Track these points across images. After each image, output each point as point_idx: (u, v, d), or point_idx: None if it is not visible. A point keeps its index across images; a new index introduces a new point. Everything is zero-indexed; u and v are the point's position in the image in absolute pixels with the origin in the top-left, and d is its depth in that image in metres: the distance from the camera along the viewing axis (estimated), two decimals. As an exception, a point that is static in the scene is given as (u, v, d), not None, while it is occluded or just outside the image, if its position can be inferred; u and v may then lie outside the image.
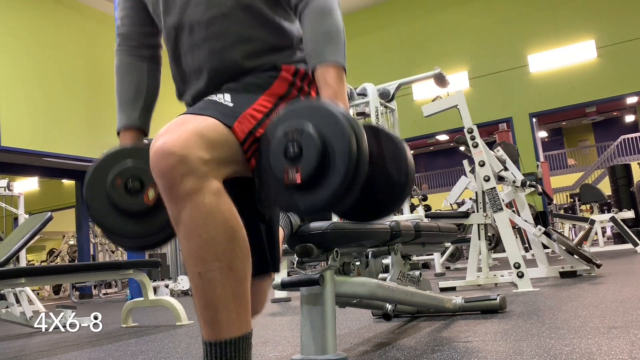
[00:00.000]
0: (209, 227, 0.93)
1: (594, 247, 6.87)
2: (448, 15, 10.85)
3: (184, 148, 0.92)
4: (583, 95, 9.75)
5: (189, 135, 0.94)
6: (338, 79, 1.03)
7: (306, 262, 1.57)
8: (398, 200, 1.09)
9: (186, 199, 0.92)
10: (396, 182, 1.07)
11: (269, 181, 1.00)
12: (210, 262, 0.93)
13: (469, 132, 3.71)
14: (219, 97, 1.06)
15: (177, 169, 0.91)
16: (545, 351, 1.45)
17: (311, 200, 0.96)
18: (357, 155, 0.94)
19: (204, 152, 0.94)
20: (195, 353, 2.08)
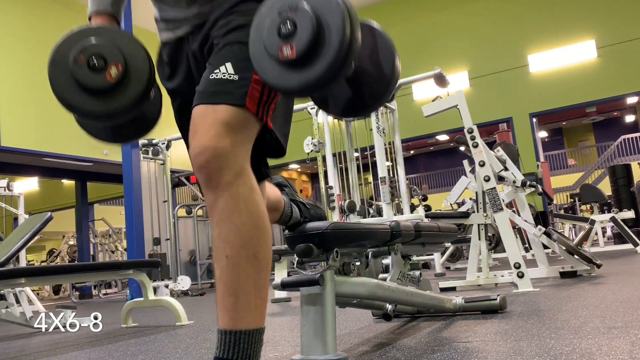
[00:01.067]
0: (241, 214, 1.03)
1: (594, 247, 6.86)
2: (448, 15, 10.85)
3: (215, 142, 1.03)
4: (583, 95, 9.75)
5: (215, 129, 1.04)
6: None
7: (306, 262, 1.57)
8: (386, 91, 1.19)
9: (224, 189, 1.03)
10: (385, 74, 1.17)
11: (263, 63, 1.01)
12: (238, 248, 1.03)
13: (469, 132, 3.71)
14: (222, 71, 1.09)
15: (213, 163, 1.03)
16: (545, 351, 1.45)
17: (306, 77, 0.97)
18: (350, 32, 0.95)
19: (231, 140, 1.04)
20: (196, 353, 2.07)
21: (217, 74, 1.08)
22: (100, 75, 1.08)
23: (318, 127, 5.64)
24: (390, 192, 4.42)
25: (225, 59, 1.10)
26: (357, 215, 4.42)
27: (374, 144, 4.44)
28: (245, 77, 1.08)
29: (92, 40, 1.10)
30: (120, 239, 11.10)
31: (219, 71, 1.08)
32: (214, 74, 1.09)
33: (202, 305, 4.81)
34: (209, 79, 1.09)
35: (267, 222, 1.08)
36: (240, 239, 1.03)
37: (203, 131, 1.04)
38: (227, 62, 1.09)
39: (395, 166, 4.82)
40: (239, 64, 1.09)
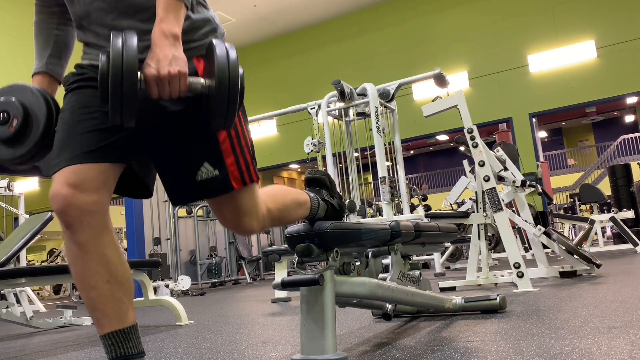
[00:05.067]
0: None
1: (593, 247, 6.86)
2: (448, 15, 10.85)
3: (252, 225, 1.36)
4: (583, 95, 9.75)
5: (237, 215, 1.34)
6: (166, 6, 1.12)
7: (306, 262, 1.57)
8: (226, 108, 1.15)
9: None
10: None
11: None
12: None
13: (469, 132, 3.71)
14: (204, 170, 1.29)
15: (255, 228, 1.37)
16: (545, 351, 1.46)
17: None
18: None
19: (251, 212, 1.36)
20: (196, 353, 2.08)
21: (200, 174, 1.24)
22: (5, 127, 1.27)
23: (318, 127, 5.64)
24: (390, 192, 4.42)
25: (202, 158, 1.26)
26: (357, 215, 4.43)
27: (374, 144, 4.44)
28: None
29: (1, 99, 1.31)
30: (120, 239, 11.10)
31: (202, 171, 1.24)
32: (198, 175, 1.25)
33: (203, 305, 4.81)
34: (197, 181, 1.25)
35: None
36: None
37: (234, 218, 1.31)
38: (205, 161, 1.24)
39: (395, 166, 4.82)
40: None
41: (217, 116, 1.11)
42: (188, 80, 1.11)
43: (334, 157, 5.00)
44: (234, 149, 1.25)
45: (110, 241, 1.16)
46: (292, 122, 11.27)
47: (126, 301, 1.18)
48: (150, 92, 1.10)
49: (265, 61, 12.67)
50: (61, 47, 1.40)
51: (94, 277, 1.13)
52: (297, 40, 12.39)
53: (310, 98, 6.03)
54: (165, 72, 1.07)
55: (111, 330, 1.16)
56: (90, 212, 1.12)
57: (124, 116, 1.06)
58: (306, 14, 11.68)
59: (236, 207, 1.29)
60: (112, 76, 1.02)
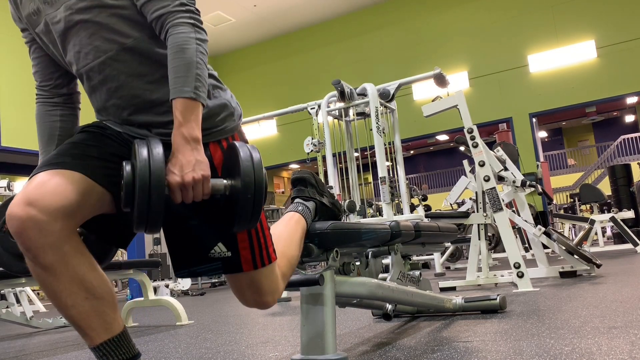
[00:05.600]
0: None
1: (594, 247, 6.86)
2: (448, 15, 10.85)
3: (273, 300, 1.37)
4: (583, 95, 9.74)
5: (259, 295, 1.35)
6: (184, 109, 1.11)
7: (306, 262, 1.57)
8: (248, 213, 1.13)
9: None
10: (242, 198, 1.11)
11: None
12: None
13: (469, 132, 3.71)
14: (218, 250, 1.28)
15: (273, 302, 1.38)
16: (545, 351, 1.46)
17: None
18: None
19: (275, 290, 1.39)
20: (196, 353, 2.08)
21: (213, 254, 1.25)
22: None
23: (318, 127, 5.64)
24: (390, 192, 4.42)
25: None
26: (357, 215, 4.42)
27: (374, 144, 4.44)
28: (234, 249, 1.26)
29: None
30: (120, 239, 11.11)
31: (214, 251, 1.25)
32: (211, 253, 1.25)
33: (202, 305, 4.81)
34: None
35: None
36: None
37: (254, 298, 1.31)
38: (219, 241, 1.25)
39: (395, 166, 4.82)
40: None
41: (243, 220, 1.10)
42: (211, 183, 1.10)
43: (334, 157, 4.99)
44: (250, 232, 1.24)
45: (81, 258, 1.08)
46: (292, 122, 11.27)
47: (110, 312, 1.12)
48: (174, 198, 1.08)
49: (266, 61, 12.67)
50: (65, 139, 1.34)
51: (70, 298, 1.07)
52: (297, 40, 12.39)
53: (310, 98, 6.03)
54: (190, 179, 1.06)
55: (101, 342, 1.11)
56: (52, 233, 1.02)
57: (149, 227, 1.04)
58: (306, 14, 11.68)
59: (256, 287, 1.28)
60: (139, 189, 0.99)
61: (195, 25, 1.16)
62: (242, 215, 1.09)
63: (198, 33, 1.16)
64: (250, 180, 1.07)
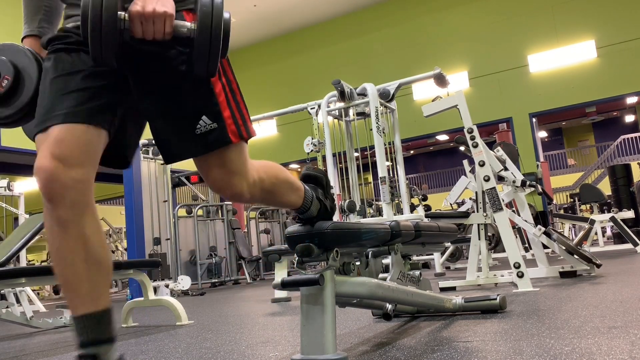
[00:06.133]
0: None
1: (594, 247, 6.86)
2: (448, 15, 10.85)
3: (246, 188, 1.33)
4: (583, 95, 9.75)
5: (232, 179, 1.33)
6: None
7: (306, 262, 1.57)
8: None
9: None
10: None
11: None
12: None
13: (469, 132, 3.71)
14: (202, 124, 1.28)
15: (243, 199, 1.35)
16: (545, 351, 1.46)
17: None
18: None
19: (246, 174, 1.35)
20: (196, 353, 2.08)
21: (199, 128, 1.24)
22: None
23: (318, 127, 5.64)
24: (390, 192, 4.42)
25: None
26: (357, 215, 4.42)
27: (374, 144, 4.44)
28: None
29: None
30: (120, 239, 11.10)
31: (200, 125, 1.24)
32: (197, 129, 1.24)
33: (203, 305, 4.81)
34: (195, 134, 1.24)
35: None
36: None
37: (223, 178, 1.28)
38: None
39: (395, 166, 4.82)
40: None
41: (200, 61, 1.09)
42: (174, 23, 1.09)
43: (334, 157, 5.00)
44: (229, 102, 1.25)
45: (92, 220, 1.12)
46: (292, 122, 11.28)
47: (101, 284, 1.13)
48: (134, 30, 1.08)
49: (266, 61, 12.67)
50: (52, 12, 1.39)
51: (71, 255, 1.09)
52: (297, 40, 12.40)
53: (310, 98, 6.04)
54: (150, 10, 1.06)
55: (84, 313, 1.11)
56: (74, 189, 1.08)
57: (104, 52, 1.04)
58: (306, 14, 11.69)
59: (226, 166, 1.27)
60: (91, 8, 1.00)
61: None
62: (200, 55, 1.08)
63: None
64: (207, 18, 1.06)
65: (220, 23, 1.08)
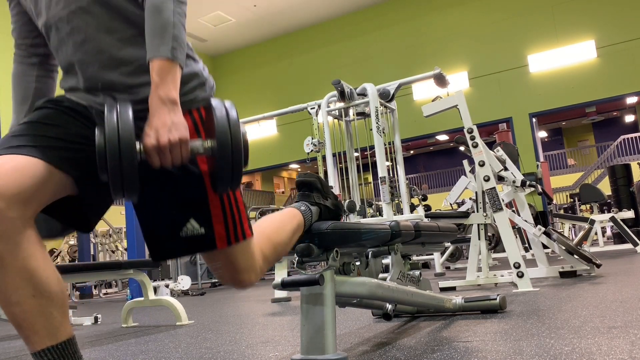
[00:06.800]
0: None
1: (594, 247, 6.87)
2: (448, 15, 10.85)
3: (254, 279, 1.34)
4: (583, 95, 9.75)
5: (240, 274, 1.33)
6: (161, 70, 1.08)
7: (306, 262, 1.57)
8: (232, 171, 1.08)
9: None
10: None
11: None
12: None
13: (469, 132, 3.71)
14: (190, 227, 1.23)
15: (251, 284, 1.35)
16: (545, 351, 1.46)
17: None
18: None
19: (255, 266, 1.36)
20: (196, 353, 2.08)
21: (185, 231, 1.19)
22: None
23: (318, 127, 5.64)
24: (390, 192, 4.42)
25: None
26: (357, 215, 4.42)
27: (374, 144, 4.44)
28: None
29: None
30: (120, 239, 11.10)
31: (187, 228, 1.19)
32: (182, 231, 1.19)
33: (202, 305, 4.81)
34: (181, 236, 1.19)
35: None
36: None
37: (230, 275, 1.28)
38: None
39: (395, 166, 4.82)
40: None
41: (223, 181, 1.07)
42: (189, 146, 1.06)
43: (334, 157, 4.99)
44: (224, 207, 1.20)
45: (33, 252, 0.99)
46: (292, 122, 11.28)
47: (58, 315, 1.03)
48: (152, 162, 1.04)
49: (266, 61, 12.67)
50: (41, 98, 1.30)
51: (16, 293, 0.98)
52: (297, 40, 12.40)
53: (310, 98, 6.03)
54: (165, 141, 1.03)
55: (43, 348, 1.02)
56: (7, 221, 0.95)
57: (126, 192, 1.01)
58: (306, 14, 11.69)
59: (231, 264, 1.25)
60: (109, 155, 0.97)
61: None
62: (222, 176, 1.06)
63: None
64: (227, 139, 1.03)
65: (239, 140, 1.05)
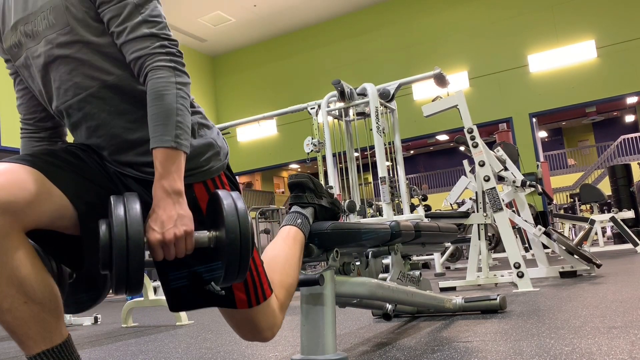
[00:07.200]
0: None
1: (594, 247, 6.86)
2: (448, 15, 10.85)
3: (273, 334, 1.32)
4: (583, 95, 9.74)
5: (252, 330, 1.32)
6: (165, 160, 1.05)
7: (306, 262, 1.57)
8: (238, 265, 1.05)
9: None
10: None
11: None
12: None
13: (469, 132, 3.71)
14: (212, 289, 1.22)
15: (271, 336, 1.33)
16: (545, 351, 1.46)
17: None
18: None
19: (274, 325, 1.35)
20: (196, 353, 2.08)
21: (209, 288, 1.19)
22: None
23: (318, 127, 5.64)
24: (390, 192, 4.42)
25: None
26: (357, 215, 4.42)
27: (374, 144, 4.44)
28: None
29: None
30: (120, 239, 11.11)
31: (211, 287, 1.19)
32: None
33: (202, 305, 4.81)
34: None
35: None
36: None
37: (251, 334, 1.28)
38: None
39: (395, 166, 4.81)
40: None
41: (230, 274, 1.03)
42: (194, 238, 1.04)
43: (334, 157, 4.99)
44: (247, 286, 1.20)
45: (23, 259, 0.97)
46: (292, 122, 11.27)
47: (51, 320, 1.02)
48: (155, 256, 1.02)
49: (266, 61, 12.67)
50: None
51: (6, 300, 0.96)
52: (297, 40, 12.39)
53: (310, 98, 6.03)
54: (171, 236, 1.00)
55: (38, 352, 1.02)
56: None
57: (129, 290, 0.97)
58: (306, 14, 11.68)
59: (252, 324, 1.24)
60: (116, 253, 0.93)
61: (176, 68, 1.10)
62: (229, 271, 1.03)
63: (179, 77, 1.09)
64: (236, 234, 1.00)
65: (248, 234, 1.02)
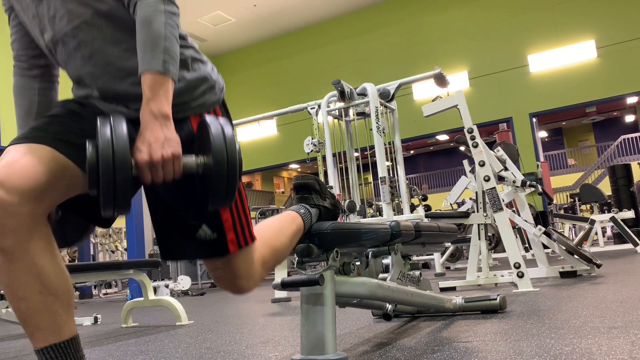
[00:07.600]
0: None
1: (594, 247, 6.86)
2: (448, 15, 10.85)
3: (255, 284, 1.35)
4: (583, 95, 9.75)
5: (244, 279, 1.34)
6: (153, 84, 1.06)
7: (306, 262, 1.57)
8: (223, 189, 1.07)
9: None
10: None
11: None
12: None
13: (469, 132, 3.71)
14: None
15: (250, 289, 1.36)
16: (545, 351, 1.46)
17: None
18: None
19: (255, 269, 1.36)
20: (196, 353, 2.08)
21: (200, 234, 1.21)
22: None
23: (318, 127, 5.64)
24: (390, 192, 4.42)
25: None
26: (357, 215, 4.42)
27: (374, 144, 4.44)
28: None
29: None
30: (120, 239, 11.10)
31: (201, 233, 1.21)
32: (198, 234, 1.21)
33: (202, 305, 4.81)
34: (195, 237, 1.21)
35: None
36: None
37: (228, 281, 1.29)
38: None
39: (395, 166, 4.82)
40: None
41: (217, 197, 1.05)
42: (182, 162, 1.05)
43: (334, 157, 4.99)
44: (232, 212, 1.22)
45: (43, 248, 1.00)
46: (292, 122, 11.27)
47: (63, 313, 1.03)
48: (143, 178, 1.03)
49: (266, 61, 12.67)
50: (43, 113, 1.30)
51: (23, 289, 0.99)
52: (297, 40, 12.39)
53: (310, 98, 6.03)
54: (158, 157, 1.01)
55: (46, 345, 1.02)
56: (18, 216, 0.96)
57: (117, 210, 0.98)
58: (306, 14, 11.68)
59: (232, 271, 1.25)
60: (102, 171, 0.94)
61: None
62: (217, 194, 1.04)
63: (167, 4, 1.10)
64: (223, 157, 1.02)
65: (235, 158, 1.04)
